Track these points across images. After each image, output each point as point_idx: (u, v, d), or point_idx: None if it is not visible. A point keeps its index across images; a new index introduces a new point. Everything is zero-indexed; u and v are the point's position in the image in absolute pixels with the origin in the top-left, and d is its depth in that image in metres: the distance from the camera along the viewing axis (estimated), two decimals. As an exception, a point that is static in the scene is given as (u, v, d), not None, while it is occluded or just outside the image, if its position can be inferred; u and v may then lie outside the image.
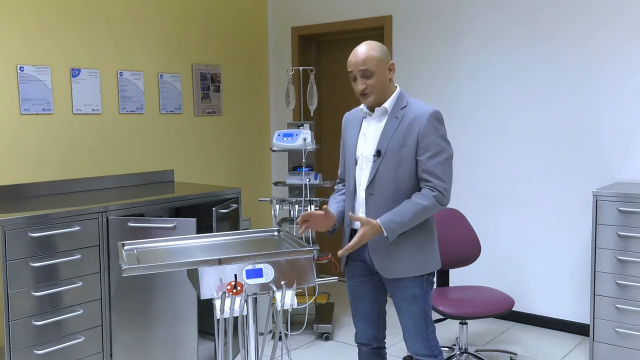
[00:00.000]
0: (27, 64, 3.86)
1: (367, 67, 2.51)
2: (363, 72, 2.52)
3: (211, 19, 5.07)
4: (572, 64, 4.15)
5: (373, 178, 2.55)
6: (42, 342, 3.19)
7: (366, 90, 2.54)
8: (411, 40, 4.80)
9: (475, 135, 4.57)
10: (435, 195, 2.47)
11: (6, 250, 3.03)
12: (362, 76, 2.53)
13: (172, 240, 2.63)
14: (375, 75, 2.53)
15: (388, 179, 2.52)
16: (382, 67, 2.54)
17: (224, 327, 2.32)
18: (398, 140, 2.51)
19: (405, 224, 2.47)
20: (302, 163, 4.17)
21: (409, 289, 2.58)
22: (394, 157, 2.51)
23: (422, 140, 2.49)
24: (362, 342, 2.79)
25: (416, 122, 2.50)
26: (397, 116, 2.55)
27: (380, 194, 2.54)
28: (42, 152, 3.97)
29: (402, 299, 2.61)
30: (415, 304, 2.59)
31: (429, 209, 2.48)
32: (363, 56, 2.52)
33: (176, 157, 4.83)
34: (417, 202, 2.48)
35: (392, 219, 2.47)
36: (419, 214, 2.48)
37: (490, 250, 4.55)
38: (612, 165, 4.05)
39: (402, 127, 2.52)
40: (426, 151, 2.49)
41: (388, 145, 2.52)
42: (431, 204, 2.47)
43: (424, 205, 2.47)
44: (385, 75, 2.55)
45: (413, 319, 2.61)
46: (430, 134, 2.49)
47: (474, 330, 4.38)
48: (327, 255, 4.02)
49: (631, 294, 3.59)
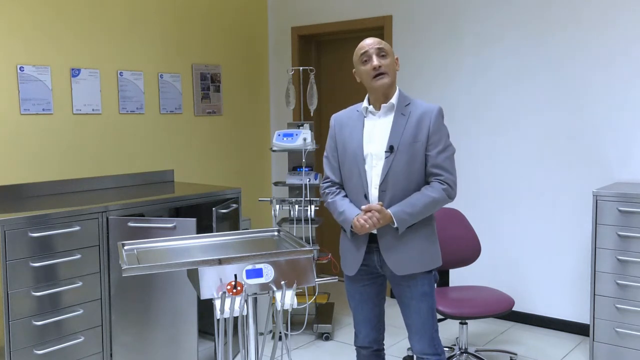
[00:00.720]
0: (27, 64, 3.86)
1: (383, 47, 2.56)
2: (379, 50, 2.55)
3: (211, 19, 5.07)
4: (573, 64, 4.15)
5: (386, 174, 2.53)
6: (42, 342, 3.19)
7: (382, 68, 2.53)
8: (411, 40, 4.80)
9: (475, 135, 4.57)
10: (445, 189, 2.53)
11: (6, 250, 3.03)
12: (378, 54, 2.55)
13: (172, 240, 2.63)
14: (389, 58, 2.57)
15: (401, 174, 2.53)
16: (392, 56, 2.60)
17: (224, 327, 2.32)
18: (410, 136, 2.53)
19: (415, 215, 2.51)
20: (302, 163, 4.17)
21: (419, 286, 2.59)
22: (407, 153, 2.53)
23: (432, 135, 2.53)
24: (363, 346, 2.79)
25: (425, 118, 2.54)
26: (404, 113, 2.56)
27: (393, 190, 2.54)
28: (42, 152, 3.97)
29: (412, 297, 2.60)
30: (425, 301, 2.60)
31: (439, 201, 2.53)
32: (375, 39, 2.59)
33: (176, 157, 4.83)
34: (428, 194, 2.52)
35: (403, 210, 2.50)
36: (429, 205, 2.51)
37: (490, 250, 4.55)
38: (612, 165, 4.05)
39: (412, 123, 2.54)
40: (436, 146, 2.53)
41: (400, 141, 2.53)
42: (441, 196, 2.52)
43: (434, 198, 2.51)
44: (395, 65, 2.60)
45: (422, 317, 2.61)
46: (439, 130, 2.55)
47: (474, 330, 4.38)
48: (327, 255, 4.03)
49: (631, 294, 3.59)
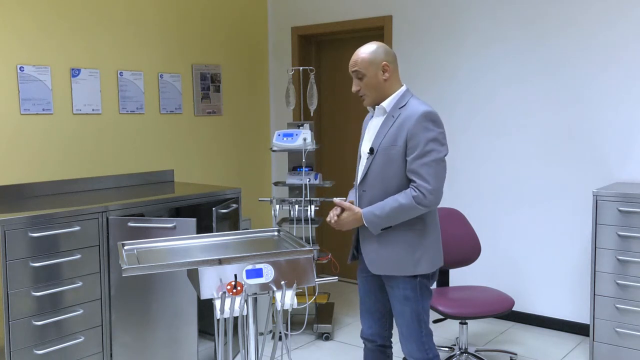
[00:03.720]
0: (27, 64, 3.86)
1: (357, 69, 2.60)
2: (355, 73, 2.63)
3: (211, 19, 5.07)
4: (573, 64, 4.15)
5: (365, 175, 2.63)
6: (42, 342, 3.19)
7: (360, 92, 2.64)
8: (411, 41, 4.80)
9: (475, 135, 4.57)
10: (415, 196, 2.47)
11: (6, 250, 3.03)
12: (356, 77, 2.64)
13: (172, 240, 2.63)
14: (367, 76, 2.60)
15: (377, 176, 2.58)
16: (373, 69, 2.58)
17: (224, 327, 2.32)
18: (389, 139, 2.56)
19: (383, 218, 2.52)
20: (302, 163, 4.17)
21: (400, 289, 2.60)
22: (383, 156, 2.56)
23: (410, 140, 2.51)
24: (367, 338, 2.81)
25: (406, 122, 2.53)
26: (394, 115, 2.59)
27: (370, 191, 2.61)
28: (42, 152, 3.97)
29: (395, 298, 2.63)
30: (408, 305, 2.59)
31: (407, 208, 2.49)
32: (355, 58, 2.62)
33: (176, 157, 4.83)
34: (396, 199, 2.51)
35: (372, 211, 2.55)
36: (397, 210, 2.50)
37: (490, 250, 4.55)
38: (612, 165, 4.05)
39: (395, 127, 2.56)
40: (413, 151, 2.50)
41: (380, 144, 2.58)
42: (408, 203, 2.48)
43: (401, 203, 2.49)
44: (377, 76, 2.58)
45: (405, 321, 2.61)
46: (417, 135, 2.50)
47: (474, 330, 4.38)
48: (327, 255, 4.03)
49: (631, 294, 3.59)
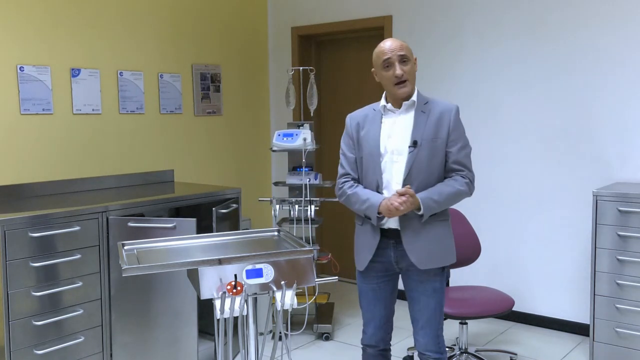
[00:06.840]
0: (27, 64, 3.86)
1: (405, 53, 2.55)
2: (402, 57, 2.55)
3: (211, 19, 5.07)
4: (573, 65, 4.15)
5: (410, 168, 2.55)
6: (42, 342, 3.19)
7: (404, 76, 2.54)
8: (411, 41, 4.79)
9: (475, 135, 4.56)
10: (467, 183, 2.58)
11: (6, 250, 3.03)
12: (400, 61, 2.55)
13: (172, 240, 2.63)
14: (410, 62, 2.58)
15: (423, 168, 2.56)
16: (413, 59, 2.61)
17: (224, 327, 2.32)
18: (431, 132, 2.57)
19: (441, 203, 2.54)
20: (302, 163, 4.17)
21: (431, 282, 2.61)
22: (428, 148, 2.56)
23: (452, 133, 2.58)
24: (370, 344, 2.77)
25: (445, 116, 2.58)
26: (424, 110, 2.60)
27: (416, 184, 2.55)
28: (42, 152, 3.97)
29: (423, 292, 2.62)
30: (434, 297, 2.62)
31: (462, 194, 2.58)
32: (396, 44, 2.56)
33: (176, 157, 4.83)
34: (453, 185, 2.56)
35: (430, 197, 2.52)
36: (453, 196, 2.56)
37: (490, 250, 4.55)
38: (612, 165, 4.05)
39: (432, 121, 2.58)
40: (456, 143, 2.58)
41: (422, 137, 2.56)
42: (465, 189, 2.58)
43: (459, 189, 2.56)
44: (414, 68, 2.61)
45: (429, 313, 2.62)
46: (458, 128, 2.60)
47: (474, 330, 4.38)
48: (327, 255, 4.04)
49: (631, 294, 3.59)
